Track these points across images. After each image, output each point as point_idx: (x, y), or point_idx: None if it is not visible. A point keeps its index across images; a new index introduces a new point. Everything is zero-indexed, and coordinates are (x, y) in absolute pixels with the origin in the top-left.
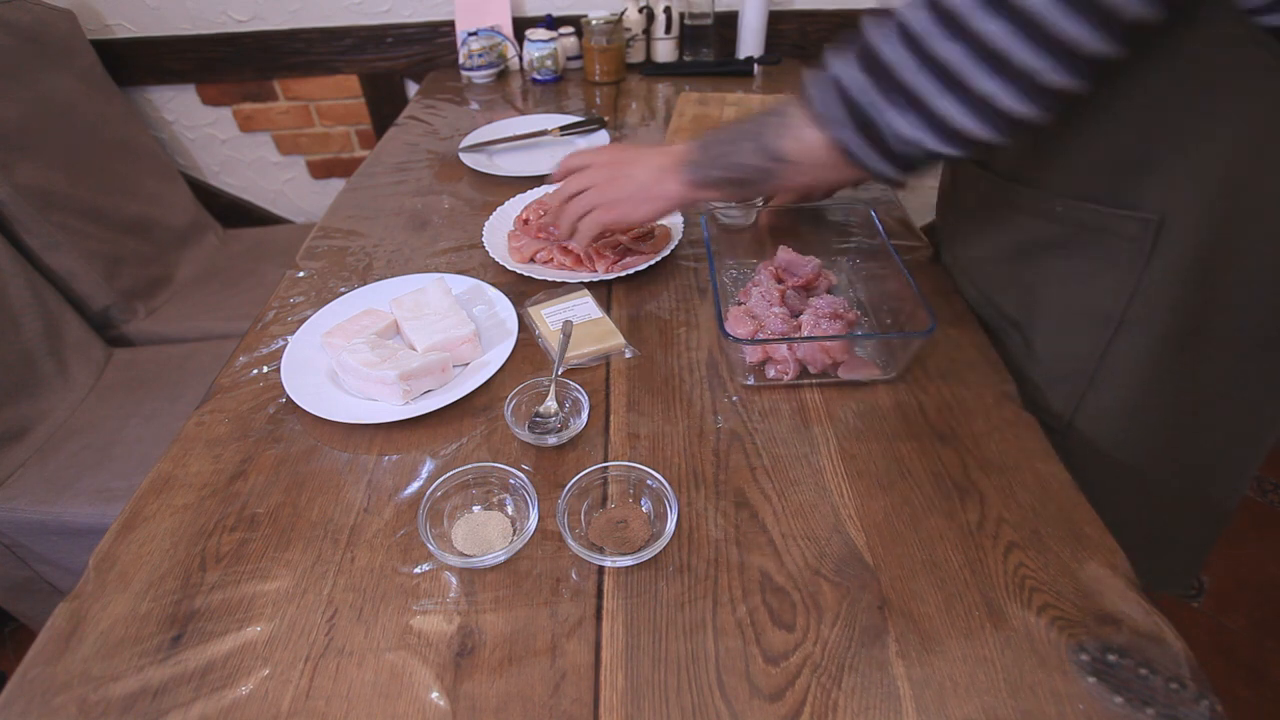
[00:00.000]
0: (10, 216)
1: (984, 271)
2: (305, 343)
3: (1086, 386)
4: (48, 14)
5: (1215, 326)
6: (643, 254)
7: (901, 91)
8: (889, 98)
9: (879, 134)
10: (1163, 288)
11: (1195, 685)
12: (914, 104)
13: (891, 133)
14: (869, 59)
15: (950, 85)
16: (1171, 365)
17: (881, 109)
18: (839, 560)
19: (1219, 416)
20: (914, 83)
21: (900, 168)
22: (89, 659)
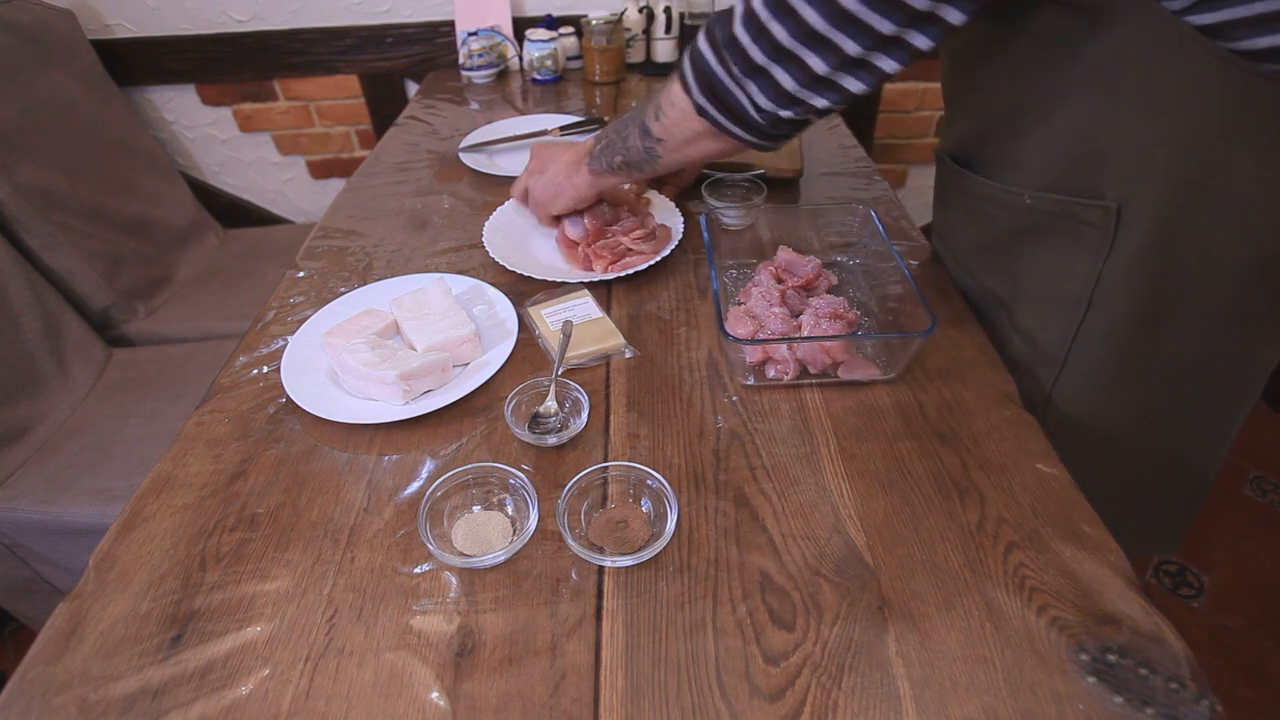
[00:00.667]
0: (10, 216)
1: (975, 259)
2: (305, 343)
3: (1060, 367)
4: (48, 14)
5: (1182, 304)
6: (642, 254)
7: (751, 67)
8: (742, 71)
9: (736, 104)
10: (1127, 270)
11: (1195, 685)
12: (761, 77)
13: (750, 102)
14: (721, 39)
15: (786, 61)
16: (1142, 342)
17: (738, 81)
18: (839, 560)
19: (1195, 389)
20: (759, 59)
21: (759, 134)
22: (89, 659)
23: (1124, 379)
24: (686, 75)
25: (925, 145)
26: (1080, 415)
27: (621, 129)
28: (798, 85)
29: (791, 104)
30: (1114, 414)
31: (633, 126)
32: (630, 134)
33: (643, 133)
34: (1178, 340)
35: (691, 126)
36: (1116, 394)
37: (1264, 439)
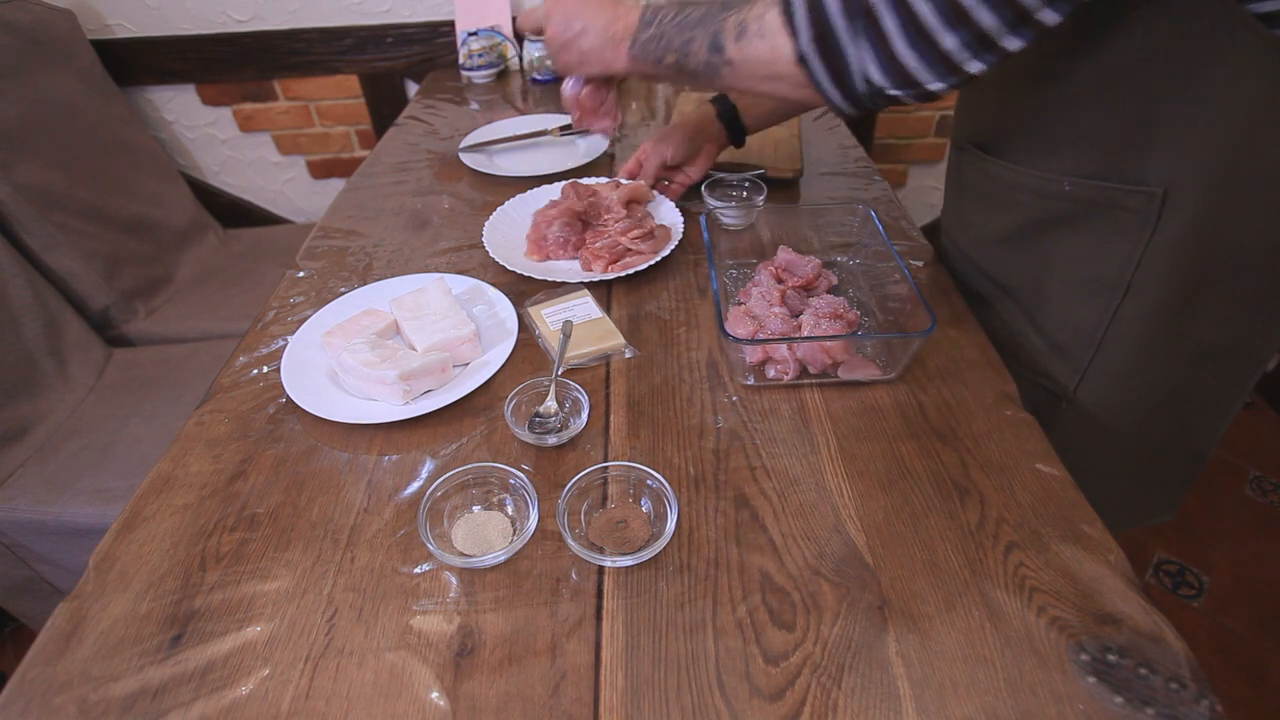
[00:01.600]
0: (10, 216)
1: (988, 251)
2: (305, 343)
3: (1094, 352)
4: (48, 14)
5: (1217, 287)
6: (642, 254)
7: (874, 32)
8: (864, 34)
9: (845, 67)
10: (1166, 254)
11: (1195, 685)
12: (882, 47)
13: (859, 69)
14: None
15: (917, 36)
16: (1175, 326)
17: (855, 43)
18: (839, 560)
19: (1212, 370)
20: (887, 27)
21: (852, 103)
22: (89, 659)
23: (1154, 363)
24: (796, 13)
25: (925, 145)
26: (1107, 401)
27: (684, 27)
28: (921, 63)
29: (905, 84)
30: (1138, 397)
31: (700, 31)
32: (695, 39)
33: (713, 46)
34: (1208, 322)
35: (778, 66)
36: (1144, 378)
37: (1264, 439)
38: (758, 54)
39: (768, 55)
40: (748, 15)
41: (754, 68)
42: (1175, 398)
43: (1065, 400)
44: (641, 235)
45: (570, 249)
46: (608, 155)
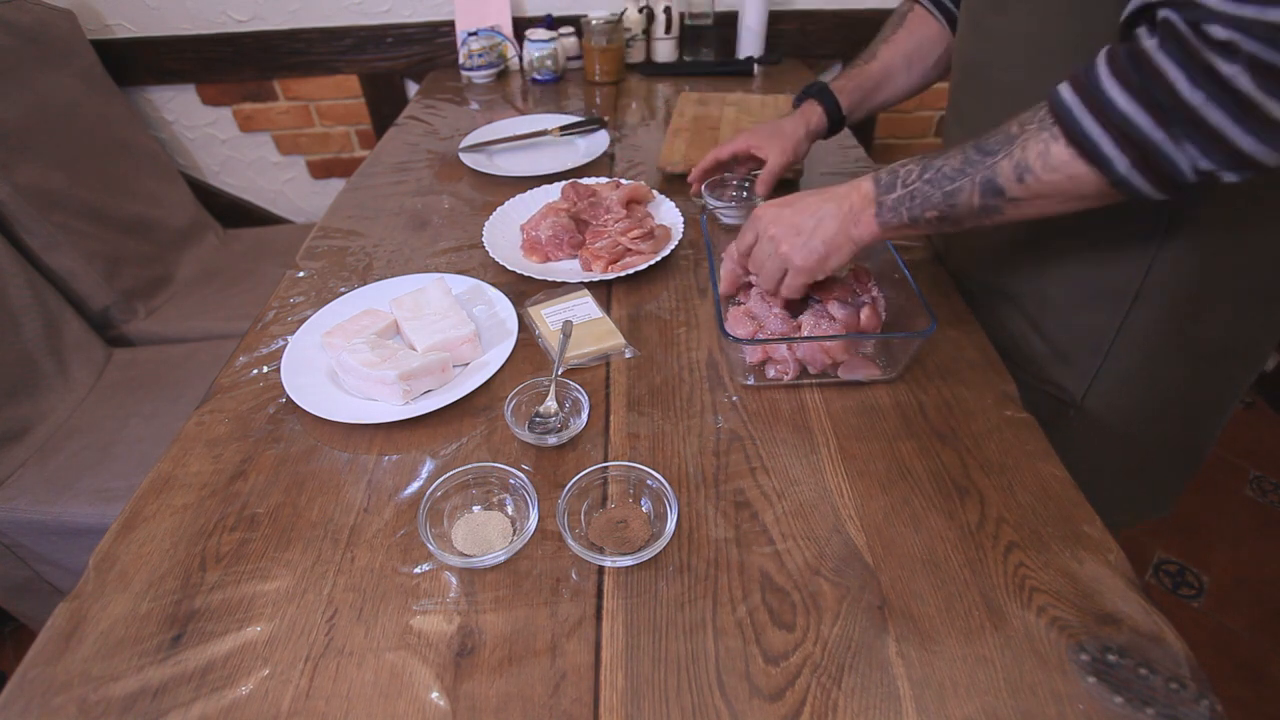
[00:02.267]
0: (10, 216)
1: (993, 256)
2: (305, 343)
3: (1103, 359)
4: (48, 14)
5: (1223, 288)
6: (642, 254)
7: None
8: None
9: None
10: (1178, 259)
11: (1195, 685)
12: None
13: (1189, 168)
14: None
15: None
16: (1181, 329)
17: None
18: (839, 560)
19: (1215, 370)
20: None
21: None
22: (89, 659)
23: (1160, 366)
24: (1100, 147)
25: (925, 145)
26: (1113, 407)
27: (942, 179)
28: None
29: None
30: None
31: (965, 182)
32: (961, 190)
33: (988, 190)
34: (1215, 323)
35: (1082, 190)
36: (1151, 382)
37: (1264, 439)
38: (1053, 186)
39: (1066, 186)
40: (1024, 156)
41: (1047, 202)
42: (1178, 398)
43: (1072, 407)
44: (641, 235)
45: (569, 249)
46: (607, 155)
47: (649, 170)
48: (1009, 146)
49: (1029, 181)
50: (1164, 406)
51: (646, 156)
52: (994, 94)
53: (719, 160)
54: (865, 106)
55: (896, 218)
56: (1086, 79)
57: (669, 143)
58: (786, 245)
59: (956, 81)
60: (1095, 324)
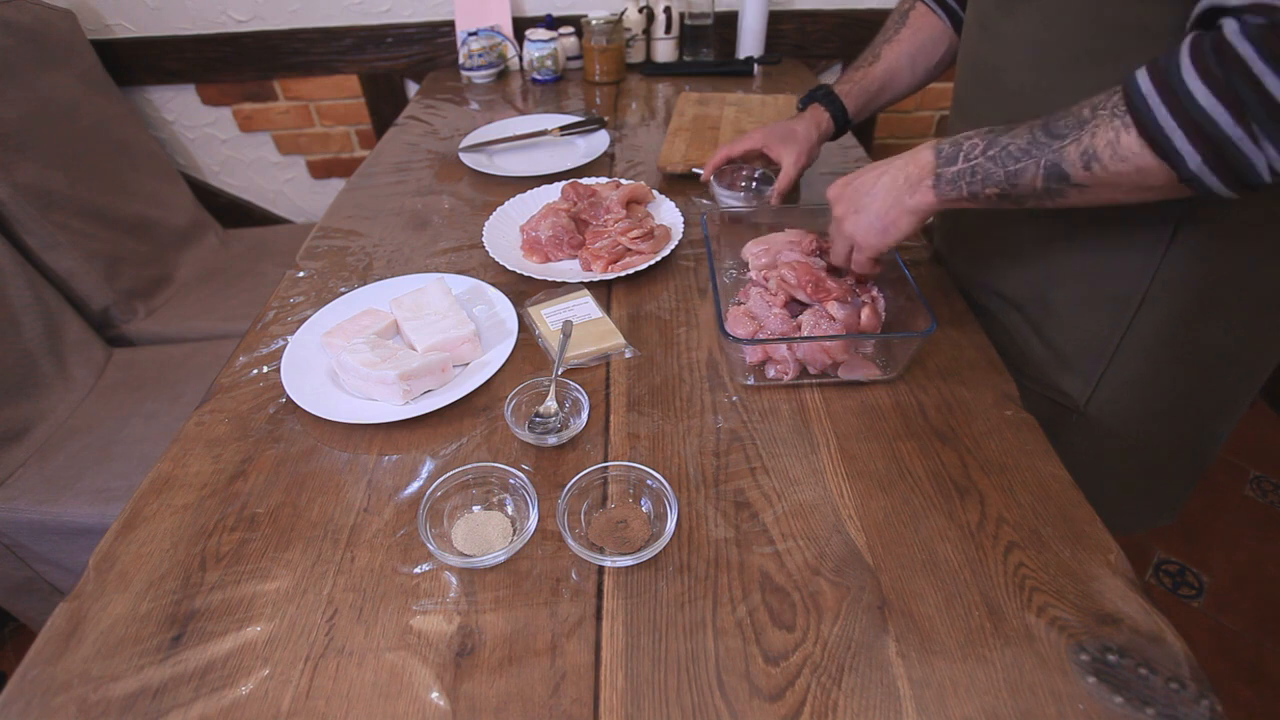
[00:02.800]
0: (10, 216)
1: (993, 259)
2: (305, 343)
3: (1107, 365)
4: (48, 14)
5: (1230, 292)
6: (642, 254)
7: None
8: (1268, 135)
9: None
10: (1184, 264)
11: (1195, 685)
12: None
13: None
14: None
15: None
16: (1187, 334)
17: (1259, 147)
18: (839, 560)
19: (1222, 374)
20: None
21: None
22: (89, 659)
23: (1166, 371)
24: (1173, 140)
25: None
26: (1117, 412)
27: (1004, 159)
28: None
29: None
30: (1148, 406)
31: (1029, 163)
32: (1025, 170)
33: (1052, 174)
34: (1222, 327)
35: (1150, 181)
36: (1156, 387)
37: (1264, 439)
38: (1120, 176)
39: (1134, 176)
40: (1094, 143)
41: (1115, 190)
42: (1184, 404)
43: (1075, 413)
44: (641, 235)
45: (569, 249)
46: (607, 155)
47: (649, 170)
48: (1079, 132)
49: (1095, 170)
50: (1169, 413)
51: (646, 156)
52: (1001, 95)
53: (730, 158)
54: (870, 108)
55: (955, 190)
56: (1166, 68)
57: (669, 143)
58: (849, 223)
59: (963, 80)
60: (1099, 329)
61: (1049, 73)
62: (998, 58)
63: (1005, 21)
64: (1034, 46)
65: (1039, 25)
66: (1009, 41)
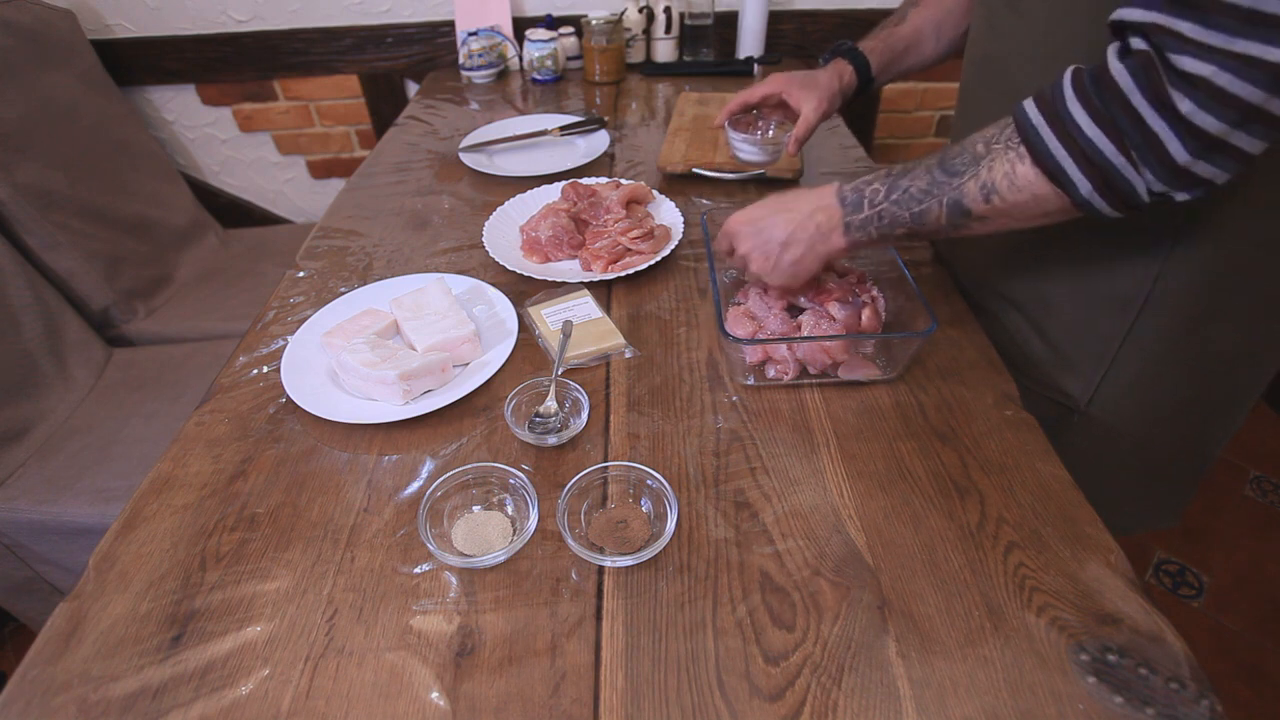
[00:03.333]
0: (10, 216)
1: (994, 260)
2: (305, 343)
3: (1108, 366)
4: (48, 14)
5: (1234, 294)
6: (642, 254)
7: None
8: (1146, 162)
9: (1132, 192)
10: (1189, 266)
11: (1195, 685)
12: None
13: (1144, 189)
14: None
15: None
16: (1190, 336)
17: (1139, 172)
18: (839, 560)
19: (1223, 382)
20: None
21: (1130, 213)
22: (89, 659)
23: (1169, 373)
24: (1065, 169)
25: (925, 145)
26: (1119, 413)
27: (909, 201)
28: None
29: (1195, 186)
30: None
31: (931, 203)
32: (929, 210)
33: (954, 210)
34: (1226, 330)
35: (1046, 208)
36: (1158, 388)
37: (1264, 439)
38: (1018, 206)
39: (1030, 204)
40: (990, 178)
41: (1013, 219)
42: (1187, 406)
43: (1076, 413)
44: (641, 235)
45: (569, 249)
46: (607, 155)
47: (649, 170)
48: (975, 168)
49: (995, 202)
50: (1171, 415)
51: (646, 156)
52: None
53: (748, 103)
54: (893, 70)
55: (865, 235)
56: (1052, 99)
57: (669, 143)
58: (756, 265)
59: (969, 78)
60: (1101, 331)
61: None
62: (1004, 53)
63: (1012, 18)
64: (1040, 44)
65: (1045, 22)
66: (1015, 39)
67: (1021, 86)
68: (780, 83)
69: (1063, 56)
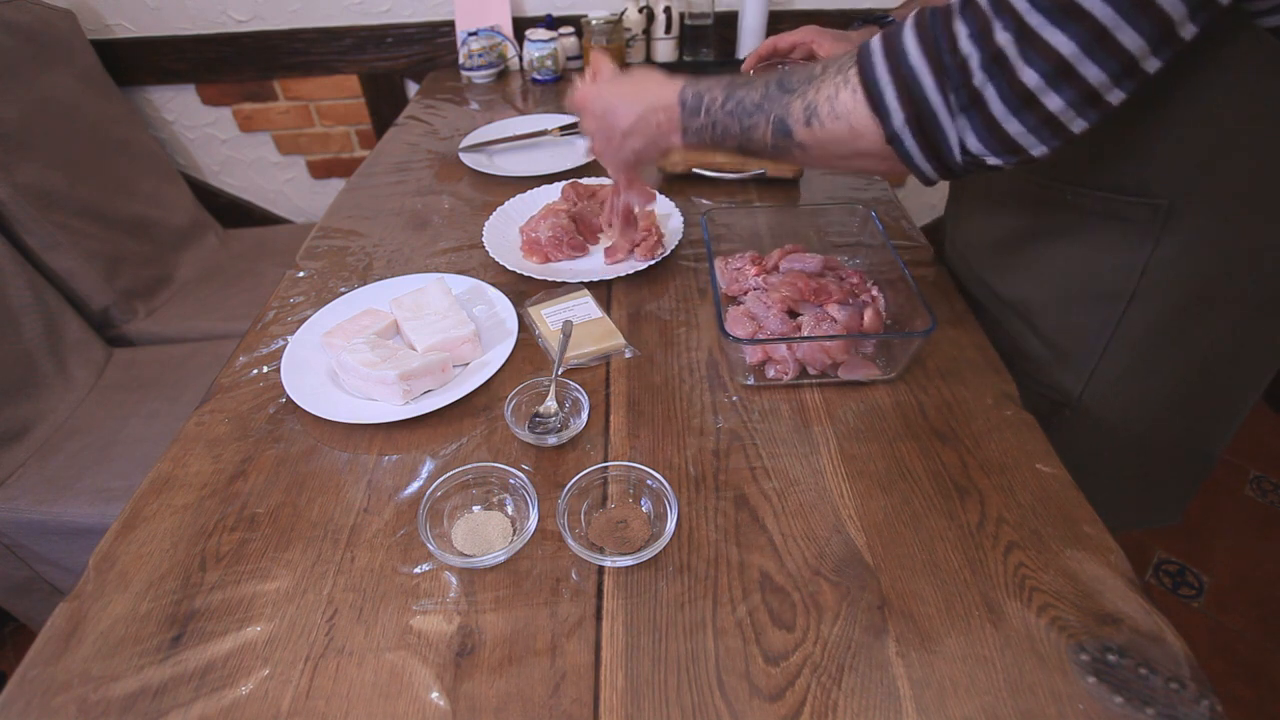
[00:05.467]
0: (10, 216)
1: (988, 258)
2: (305, 343)
3: (1098, 359)
4: (48, 14)
5: (1222, 293)
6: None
7: (975, 105)
8: (963, 109)
9: (943, 141)
10: (1172, 263)
11: (1195, 685)
12: (983, 119)
13: (956, 143)
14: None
15: (1021, 102)
16: (1180, 335)
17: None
18: (839, 560)
19: (1219, 378)
20: (989, 96)
21: (945, 174)
22: (89, 659)
23: (1160, 368)
24: (885, 95)
25: None
26: (1112, 407)
27: (739, 114)
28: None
29: (1009, 152)
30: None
31: (759, 117)
32: (756, 125)
33: (779, 130)
34: (1216, 327)
35: (860, 145)
36: (1150, 383)
37: (1264, 439)
38: (834, 135)
39: (846, 136)
40: (815, 99)
41: (830, 148)
42: (1182, 401)
43: (1069, 407)
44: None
45: (569, 249)
46: None
47: (649, 170)
48: (806, 86)
49: (814, 127)
50: (1166, 408)
51: None
52: None
53: (777, 49)
54: None
55: (700, 141)
56: (896, 29)
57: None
58: (599, 143)
59: None
60: (1090, 324)
61: None
62: None
63: None
64: None
65: None
66: None
67: None
68: (811, 32)
69: None
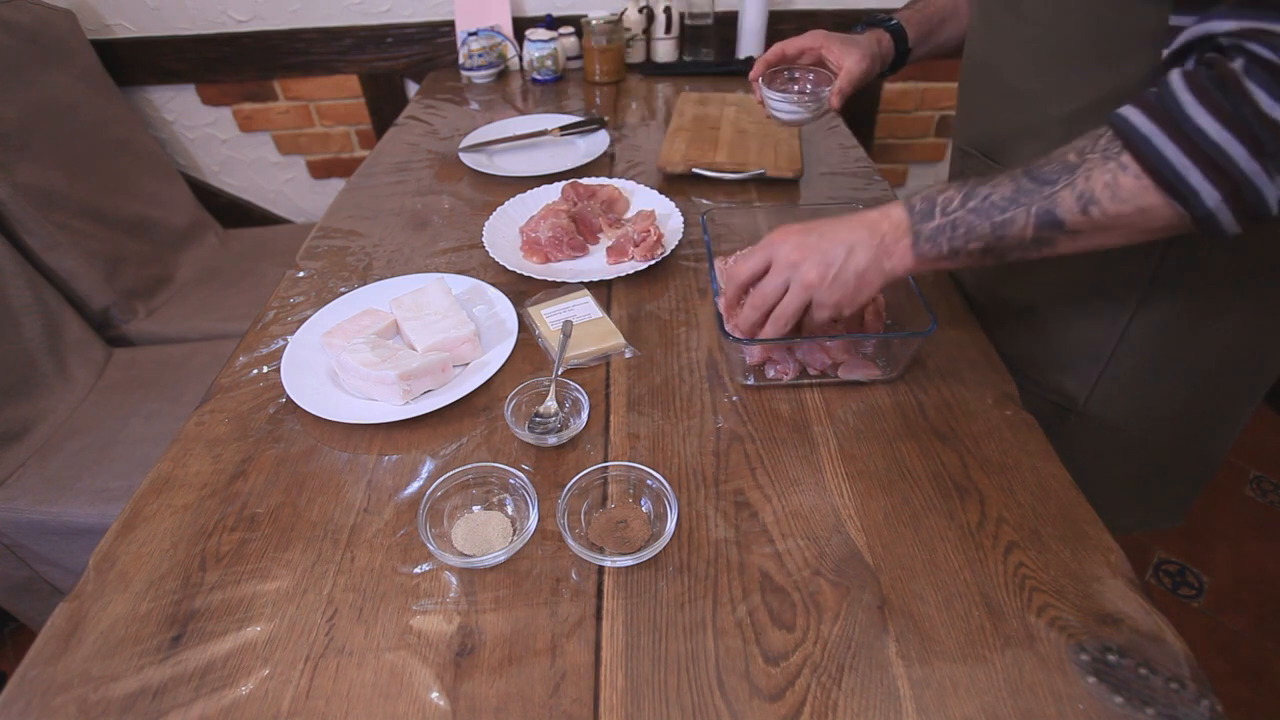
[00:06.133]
0: (10, 216)
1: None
2: (305, 343)
3: (1104, 365)
4: (48, 14)
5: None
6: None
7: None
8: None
9: (1263, 204)
10: (1181, 267)
11: (1195, 685)
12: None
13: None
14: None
15: None
16: (1186, 336)
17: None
18: (839, 560)
19: (1222, 383)
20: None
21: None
22: (89, 659)
23: (1166, 372)
24: (1187, 178)
25: (925, 145)
26: (1117, 411)
27: (989, 209)
28: None
29: None
30: (1148, 406)
31: (1019, 211)
32: (1015, 219)
33: (1045, 221)
34: (1222, 331)
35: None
36: (1156, 387)
37: (1264, 439)
38: (1120, 218)
39: (1135, 219)
40: (1089, 186)
41: (1109, 235)
42: (1187, 405)
43: (1074, 413)
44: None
45: (569, 249)
46: (607, 155)
47: (649, 170)
48: (1070, 176)
49: (1093, 213)
50: (1171, 412)
51: (646, 156)
52: (1003, 97)
53: (785, 55)
54: (930, 41)
55: (935, 249)
56: (1162, 104)
57: (669, 143)
58: (815, 274)
59: (966, 80)
60: (1096, 329)
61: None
62: (1000, 57)
63: (1010, 19)
64: (1037, 47)
65: (1043, 23)
66: (1012, 40)
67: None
68: (818, 38)
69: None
